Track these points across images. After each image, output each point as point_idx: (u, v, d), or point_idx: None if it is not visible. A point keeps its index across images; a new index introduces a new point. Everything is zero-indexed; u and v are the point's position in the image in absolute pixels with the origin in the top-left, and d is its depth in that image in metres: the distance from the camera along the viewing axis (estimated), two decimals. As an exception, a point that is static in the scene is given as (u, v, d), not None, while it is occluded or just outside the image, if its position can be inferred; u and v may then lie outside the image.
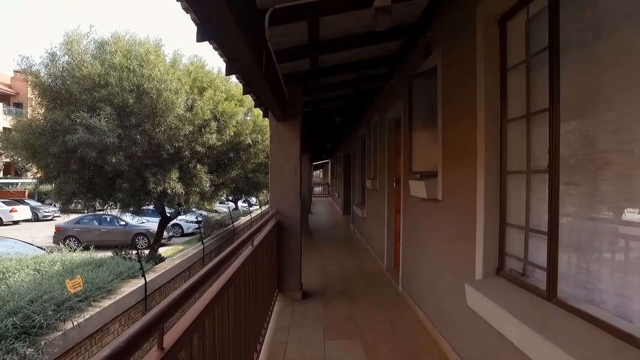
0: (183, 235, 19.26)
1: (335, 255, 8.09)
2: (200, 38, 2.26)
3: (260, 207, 26.68)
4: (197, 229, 15.88)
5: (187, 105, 11.04)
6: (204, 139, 11.40)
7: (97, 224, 16.93)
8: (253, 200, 29.77)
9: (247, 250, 2.84)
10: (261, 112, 5.49)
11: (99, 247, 11.04)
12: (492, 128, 2.62)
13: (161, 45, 11.03)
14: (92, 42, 10.33)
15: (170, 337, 1.24)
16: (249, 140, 13.86)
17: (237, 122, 12.89)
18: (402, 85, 4.90)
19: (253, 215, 21.67)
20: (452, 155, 3.29)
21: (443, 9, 3.50)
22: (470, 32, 2.87)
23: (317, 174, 44.03)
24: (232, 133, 12.63)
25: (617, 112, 1.79)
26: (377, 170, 7.23)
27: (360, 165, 10.36)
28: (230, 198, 24.57)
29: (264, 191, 19.33)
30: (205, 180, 11.88)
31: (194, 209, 15.98)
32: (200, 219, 17.71)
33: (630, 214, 1.72)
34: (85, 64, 9.63)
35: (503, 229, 2.59)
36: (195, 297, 1.57)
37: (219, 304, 1.90)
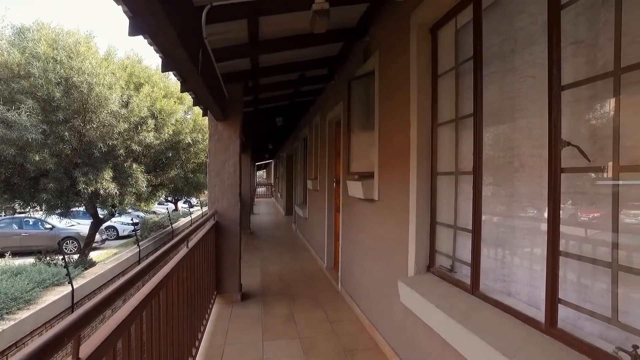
0: (118, 238, 18.24)
1: (277, 255, 8.06)
2: (132, 32, 2.15)
3: (201, 207, 25.94)
4: (133, 231, 15.11)
5: (122, 101, 10.47)
6: (141, 137, 10.89)
7: (16, 227, 15.46)
8: (194, 201, 28.88)
9: (181, 252, 2.75)
10: (201, 111, 5.34)
11: (19, 253, 10.12)
12: (424, 131, 2.75)
13: (93, 37, 10.36)
14: (9, 27, 9.43)
15: (88, 347, 1.17)
16: (189, 140, 13.44)
17: (176, 120, 12.46)
18: (342, 87, 4.99)
19: (194, 216, 21.01)
20: (388, 157, 3.41)
21: (381, 14, 3.61)
22: (405, 39, 2.99)
23: (261, 174, 43.61)
24: (170, 132, 12.18)
25: (530, 118, 1.95)
26: (318, 171, 7.29)
27: (302, 165, 10.40)
28: (169, 199, 23.64)
29: (205, 192, 18.83)
30: (142, 180, 11.34)
31: (129, 210, 15.20)
32: (137, 221, 16.86)
33: (539, 212, 1.88)
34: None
35: (434, 228, 2.73)
36: (122, 302, 1.49)
37: (149, 308, 1.83)
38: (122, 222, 18.54)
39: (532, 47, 1.95)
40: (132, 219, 18.23)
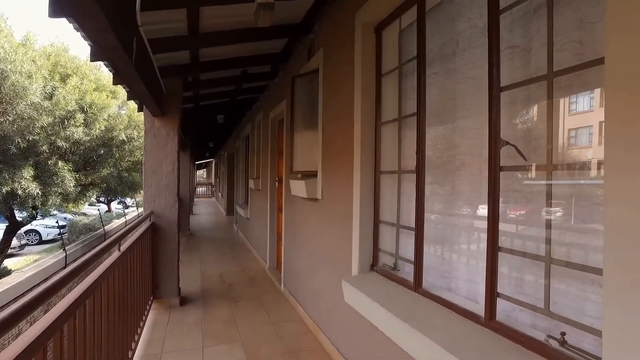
0: (41, 242, 16.75)
1: (217, 257, 7.81)
2: (53, 13, 1.94)
3: (137, 208, 24.62)
4: (58, 234, 13.94)
5: (46, 92, 9.61)
6: (68, 132, 10.09)
7: None
8: (130, 201, 27.34)
9: (112, 256, 2.55)
10: (137, 106, 5.02)
11: None
12: (368, 130, 2.76)
13: (5, 19, 9.37)
14: None
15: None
16: (123, 136, 12.68)
17: (109, 115, 11.70)
18: (286, 84, 4.92)
19: (129, 217, 19.86)
20: (331, 156, 3.39)
21: (326, 12, 3.59)
22: (349, 37, 2.98)
23: (201, 173, 42.29)
24: (102, 127, 11.42)
25: (471, 118, 2.01)
26: (260, 170, 7.17)
27: (244, 164, 10.19)
28: (102, 199, 22.16)
29: (141, 192, 17.84)
30: (69, 179, 10.51)
31: (55, 212, 14.02)
32: (64, 223, 15.58)
33: (479, 210, 1.94)
34: None
35: (377, 226, 2.75)
36: (43, 313, 1.32)
37: (72, 319, 1.65)
38: (46, 225, 17.05)
39: (473, 50, 2.01)
40: (57, 222, 16.87)
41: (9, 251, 11.94)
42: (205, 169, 38.61)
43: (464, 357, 1.51)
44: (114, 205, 24.97)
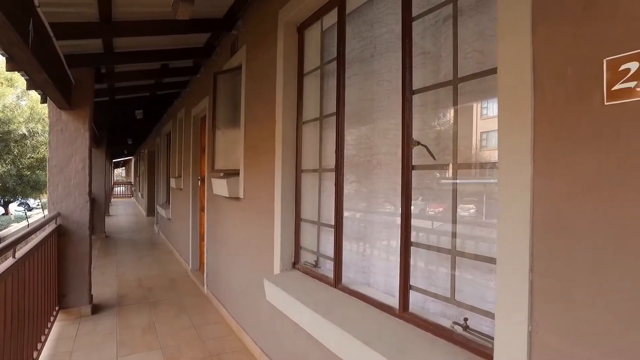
0: None
1: (136, 260, 7.35)
2: None
3: (43, 210, 22.32)
4: None
5: None
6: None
7: None
8: (33, 202, 24.74)
9: (4, 265, 2.29)
10: (40, 97, 4.54)
11: None
12: (289, 129, 2.77)
13: None
14: None
15: None
16: (23, 130, 11.44)
17: (4, 106, 10.47)
18: (208, 81, 4.77)
19: (32, 220, 17.93)
20: (254, 154, 3.35)
21: (249, 8, 3.54)
22: (272, 35, 2.97)
23: (119, 172, 39.59)
24: (-3, 120, 10.20)
25: (387, 120, 2.10)
26: (182, 169, 6.88)
27: (165, 163, 9.72)
28: (-2, 200, 19.82)
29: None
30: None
31: None
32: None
33: (395, 207, 2.03)
34: None
35: (298, 225, 2.76)
36: None
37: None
38: None
39: (390, 54, 2.10)
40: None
41: None
42: (124, 168, 36.21)
43: (378, 348, 1.57)
44: (14, 207, 22.43)
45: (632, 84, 0.93)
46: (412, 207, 1.82)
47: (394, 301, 1.91)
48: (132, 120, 8.50)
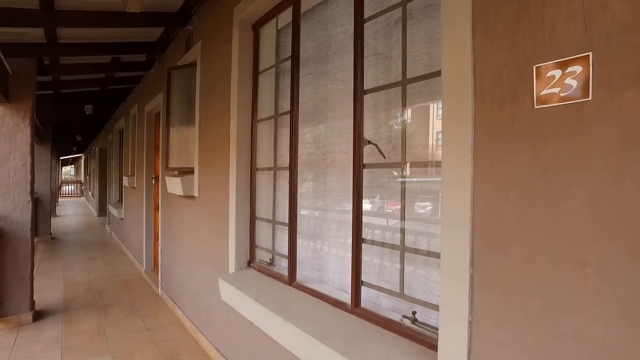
0: None
1: (85, 262, 7.02)
2: None
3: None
4: None
5: None
6: None
7: None
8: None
9: None
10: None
11: None
12: (244, 127, 2.75)
13: None
14: None
15: None
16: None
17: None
18: (162, 76, 4.64)
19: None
20: (208, 152, 3.30)
21: (204, 3, 3.47)
22: (227, 32, 2.93)
23: (68, 170, 37.62)
24: None
25: (341, 119, 2.14)
26: (135, 167, 6.65)
27: (118, 161, 9.35)
28: None
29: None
30: None
31: None
32: None
33: (348, 204, 2.07)
34: None
35: (253, 223, 2.75)
36: None
37: None
38: None
39: (343, 54, 2.13)
40: None
41: None
42: (73, 165, 34.45)
43: (329, 343, 1.60)
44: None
45: (556, 90, 1.00)
46: (369, 205, 1.87)
47: (346, 297, 1.95)
48: (82, 115, 8.10)
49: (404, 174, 1.72)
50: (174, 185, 3.77)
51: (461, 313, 1.22)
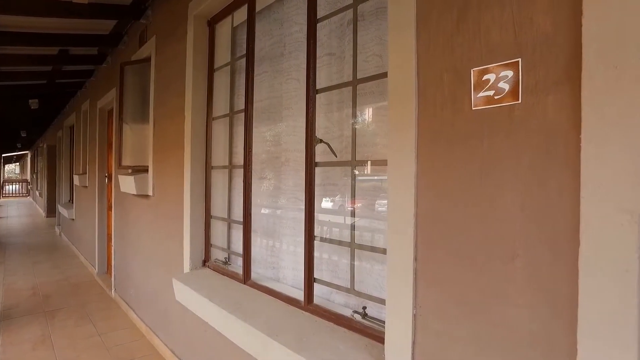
0: None
1: (31, 266, 6.65)
2: None
3: None
4: None
5: None
6: None
7: None
8: None
9: None
10: None
11: None
12: (199, 125, 2.71)
13: None
14: None
15: None
16: None
17: None
18: (115, 71, 4.47)
19: None
20: (163, 150, 3.23)
21: (159, -3, 3.39)
22: (182, 28, 2.88)
23: (12, 168, 35.50)
24: None
25: (295, 117, 2.15)
26: (87, 165, 6.38)
27: (69, 158, 8.92)
28: None
29: None
30: None
31: None
32: None
33: (302, 202, 2.09)
34: None
35: (209, 222, 2.72)
36: None
37: None
38: None
39: (298, 53, 2.15)
40: None
41: None
42: (17, 163, 32.54)
43: (281, 340, 1.62)
44: None
45: (491, 93, 1.06)
46: (331, 203, 1.90)
47: (300, 294, 1.97)
48: (26, 110, 7.66)
49: (355, 172, 1.76)
50: (128, 184, 3.66)
51: (406, 306, 1.27)
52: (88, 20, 3.82)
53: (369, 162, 1.74)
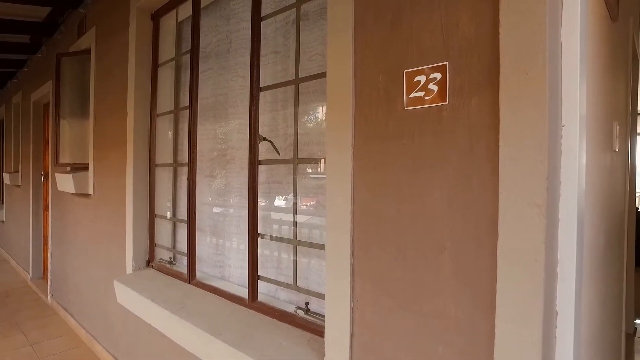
0: None
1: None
2: None
3: None
4: None
5: None
6: None
7: None
8: None
9: None
10: None
11: None
12: (142, 121, 2.62)
13: None
14: None
15: None
16: None
17: None
18: (51, 62, 4.21)
19: None
20: (104, 147, 3.09)
21: (99, -14, 3.24)
22: (124, 20, 2.77)
23: None
24: None
25: (240, 115, 2.14)
26: (20, 162, 5.96)
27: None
28: None
29: None
30: None
31: None
32: None
33: (246, 200, 2.09)
34: None
35: (153, 221, 2.64)
36: None
37: None
38: None
39: (244, 51, 2.13)
40: None
41: None
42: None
43: (224, 338, 1.61)
44: None
45: (421, 94, 1.12)
46: (284, 202, 1.90)
47: (245, 292, 1.97)
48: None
49: (296, 170, 1.78)
50: (66, 182, 3.46)
51: (344, 300, 1.30)
52: (18, 5, 3.55)
53: (310, 160, 1.77)
